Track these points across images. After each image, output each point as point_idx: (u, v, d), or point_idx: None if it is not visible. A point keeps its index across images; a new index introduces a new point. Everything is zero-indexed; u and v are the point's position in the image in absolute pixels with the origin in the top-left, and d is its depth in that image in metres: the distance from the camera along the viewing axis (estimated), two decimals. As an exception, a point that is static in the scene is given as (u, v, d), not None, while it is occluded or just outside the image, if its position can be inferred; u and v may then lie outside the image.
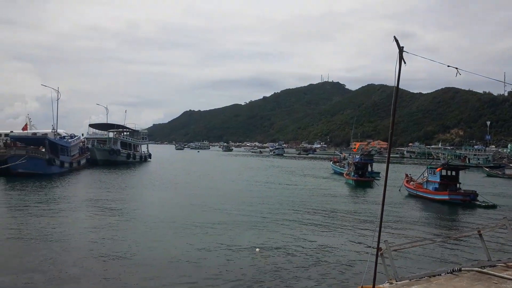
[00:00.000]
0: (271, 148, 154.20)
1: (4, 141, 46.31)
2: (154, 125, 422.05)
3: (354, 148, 52.04)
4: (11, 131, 49.81)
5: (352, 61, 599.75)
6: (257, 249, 13.65)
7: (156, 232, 16.18)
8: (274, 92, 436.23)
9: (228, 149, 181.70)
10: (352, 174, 39.29)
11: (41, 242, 14.29)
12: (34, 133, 50.76)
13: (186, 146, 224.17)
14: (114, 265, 11.92)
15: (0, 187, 30.37)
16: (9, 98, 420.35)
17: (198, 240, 14.91)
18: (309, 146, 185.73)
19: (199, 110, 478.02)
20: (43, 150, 41.82)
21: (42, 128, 59.39)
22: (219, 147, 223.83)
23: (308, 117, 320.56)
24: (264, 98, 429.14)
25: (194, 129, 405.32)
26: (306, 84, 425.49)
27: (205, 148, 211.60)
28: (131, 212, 20.90)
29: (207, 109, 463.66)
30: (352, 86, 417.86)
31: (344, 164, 50.22)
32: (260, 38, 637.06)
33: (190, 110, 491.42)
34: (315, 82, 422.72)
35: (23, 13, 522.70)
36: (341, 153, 68.54)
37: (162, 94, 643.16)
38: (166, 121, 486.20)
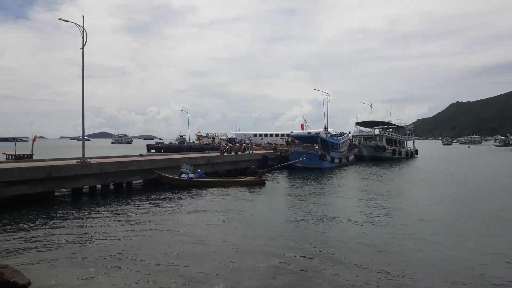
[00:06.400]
0: None
1: (286, 139, 54.02)
2: (418, 120, 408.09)
3: None
4: (291, 132, 57.70)
5: None
6: None
7: (425, 231, 14.93)
8: None
9: (507, 143, 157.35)
10: None
11: (319, 222, 16.17)
12: (309, 132, 57.17)
13: (455, 141, 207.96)
14: (377, 255, 11.54)
15: (284, 177, 35.39)
16: (289, 103, 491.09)
17: (469, 245, 13.01)
18: None
19: (468, 101, 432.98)
20: (317, 147, 46.26)
21: (314, 128, 66.55)
22: (495, 141, 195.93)
23: None
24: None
25: (461, 122, 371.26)
26: None
27: (476, 143, 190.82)
28: (400, 206, 20.43)
29: (478, 99, 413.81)
30: None
31: None
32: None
33: (457, 102, 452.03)
34: None
35: (302, 28, 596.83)
36: None
37: (426, 87, 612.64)
38: (430, 115, 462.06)
